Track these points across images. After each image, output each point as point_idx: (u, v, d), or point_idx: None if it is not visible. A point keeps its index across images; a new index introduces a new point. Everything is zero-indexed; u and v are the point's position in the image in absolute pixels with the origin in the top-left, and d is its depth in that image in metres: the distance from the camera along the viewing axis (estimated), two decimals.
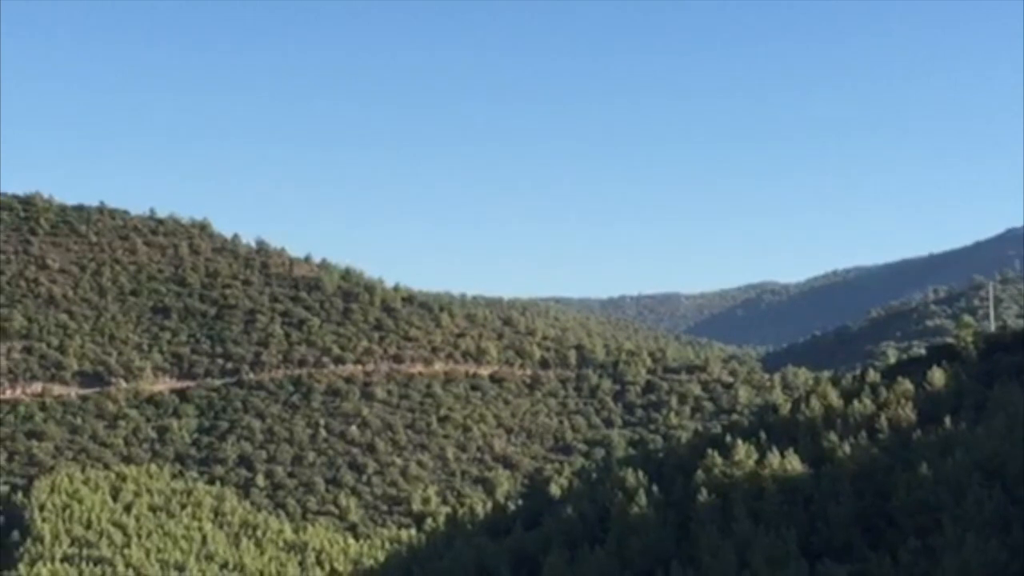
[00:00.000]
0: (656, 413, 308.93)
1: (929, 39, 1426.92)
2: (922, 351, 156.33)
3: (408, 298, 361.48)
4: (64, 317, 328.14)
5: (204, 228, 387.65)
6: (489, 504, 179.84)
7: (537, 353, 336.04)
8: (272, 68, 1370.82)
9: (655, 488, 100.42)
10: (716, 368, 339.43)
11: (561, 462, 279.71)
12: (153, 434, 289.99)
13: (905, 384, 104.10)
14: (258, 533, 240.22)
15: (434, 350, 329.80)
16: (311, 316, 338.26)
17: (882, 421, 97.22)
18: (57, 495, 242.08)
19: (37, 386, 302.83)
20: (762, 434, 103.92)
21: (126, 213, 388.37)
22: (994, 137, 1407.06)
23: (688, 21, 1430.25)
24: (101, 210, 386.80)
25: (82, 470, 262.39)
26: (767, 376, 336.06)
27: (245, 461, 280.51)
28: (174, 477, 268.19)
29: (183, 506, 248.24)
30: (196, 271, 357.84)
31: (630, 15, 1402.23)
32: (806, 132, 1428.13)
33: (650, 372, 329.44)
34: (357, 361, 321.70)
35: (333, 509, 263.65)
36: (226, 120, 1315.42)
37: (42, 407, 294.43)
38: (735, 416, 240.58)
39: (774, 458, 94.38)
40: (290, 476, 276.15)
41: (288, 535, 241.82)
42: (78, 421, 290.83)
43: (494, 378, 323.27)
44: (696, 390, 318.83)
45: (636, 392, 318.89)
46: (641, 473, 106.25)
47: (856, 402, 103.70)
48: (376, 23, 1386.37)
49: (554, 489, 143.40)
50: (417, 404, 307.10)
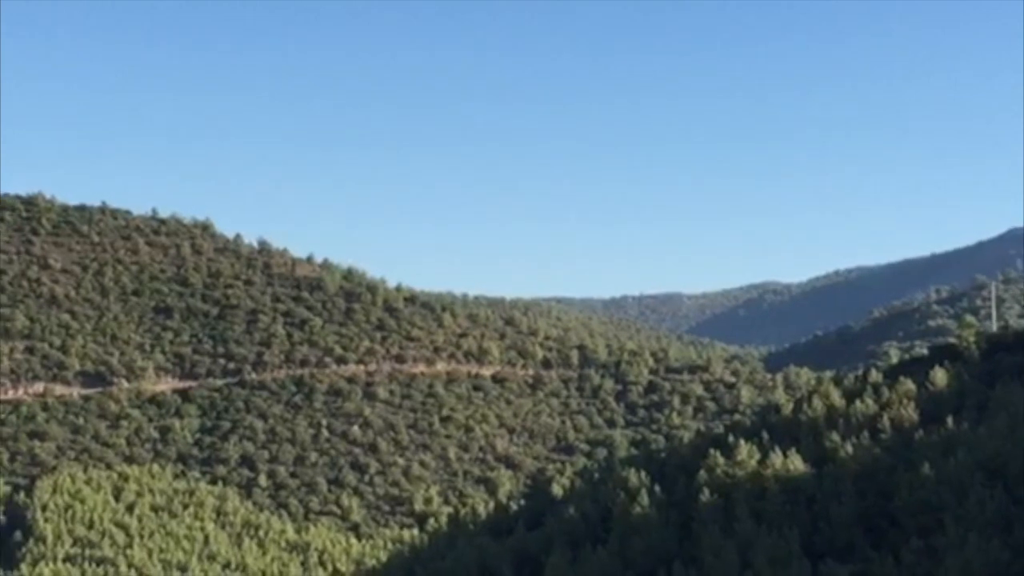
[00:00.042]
0: (658, 413, 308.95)
1: (929, 39, 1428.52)
2: (924, 351, 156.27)
3: (410, 298, 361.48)
4: (66, 317, 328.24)
5: (206, 228, 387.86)
6: (491, 504, 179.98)
7: (539, 353, 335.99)
8: (272, 68, 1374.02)
9: (657, 488, 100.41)
10: (718, 368, 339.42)
11: (563, 462, 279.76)
12: (155, 434, 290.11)
13: (907, 384, 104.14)
14: (260, 533, 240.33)
15: (436, 350, 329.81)
16: (313, 316, 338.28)
17: (884, 421, 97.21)
18: (59, 495, 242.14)
19: (39, 386, 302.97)
20: (764, 434, 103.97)
21: (128, 213, 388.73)
22: (996, 137, 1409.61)
23: (688, 21, 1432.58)
24: (103, 210, 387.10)
25: (84, 470, 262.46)
26: (769, 376, 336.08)
27: (247, 461, 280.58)
28: (176, 477, 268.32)
29: (185, 506, 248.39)
30: (198, 271, 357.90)
31: (630, 15, 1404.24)
32: (807, 132, 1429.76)
33: (652, 372, 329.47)
34: (359, 361, 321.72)
35: (335, 509, 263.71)
36: (228, 120, 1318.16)
37: (44, 407, 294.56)
38: (737, 416, 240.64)
39: (776, 458, 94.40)
40: (292, 476, 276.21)
41: (290, 535, 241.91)
42: (80, 421, 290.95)
43: (496, 378, 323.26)
44: (698, 390, 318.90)
45: (638, 392, 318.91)
46: (643, 473, 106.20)
47: (858, 402, 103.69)
48: (376, 23, 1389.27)
49: (556, 489, 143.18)
50: (419, 404, 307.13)
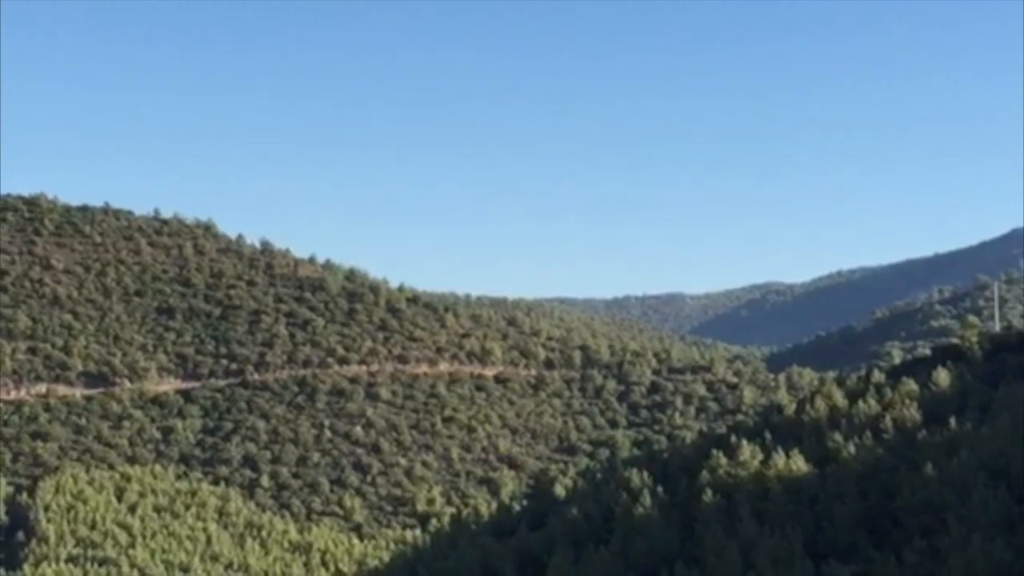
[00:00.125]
0: (661, 413, 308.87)
1: (929, 39, 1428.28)
2: (927, 351, 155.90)
3: (412, 299, 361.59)
4: (68, 318, 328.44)
5: (208, 228, 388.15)
6: (494, 504, 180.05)
7: (542, 353, 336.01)
8: (273, 68, 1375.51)
9: (660, 488, 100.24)
10: (721, 368, 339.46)
11: (566, 462, 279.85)
12: (158, 435, 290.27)
13: (910, 384, 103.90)
14: (263, 533, 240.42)
15: (439, 350, 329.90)
16: (315, 317, 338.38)
17: (887, 421, 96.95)
18: (62, 496, 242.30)
19: (42, 387, 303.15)
20: (767, 434, 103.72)
21: (130, 213, 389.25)
22: (999, 137, 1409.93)
23: (688, 21, 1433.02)
24: (105, 211, 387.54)
25: (87, 471, 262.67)
26: (772, 376, 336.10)
27: (250, 461, 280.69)
28: (179, 478, 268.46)
29: (188, 506, 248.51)
30: (200, 271, 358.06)
31: (630, 15, 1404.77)
32: (810, 132, 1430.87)
33: (655, 372, 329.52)
34: (362, 361, 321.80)
35: (338, 510, 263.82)
36: (229, 120, 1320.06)
37: (47, 408, 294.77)
38: (740, 416, 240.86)
39: (779, 458, 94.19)
40: (295, 476, 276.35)
41: (293, 535, 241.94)
42: (83, 422, 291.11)
43: (499, 378, 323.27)
44: (701, 390, 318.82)
45: (641, 392, 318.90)
46: (646, 473, 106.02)
47: (861, 402, 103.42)
48: (376, 23, 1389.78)
49: (559, 489, 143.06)
50: (422, 405, 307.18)
